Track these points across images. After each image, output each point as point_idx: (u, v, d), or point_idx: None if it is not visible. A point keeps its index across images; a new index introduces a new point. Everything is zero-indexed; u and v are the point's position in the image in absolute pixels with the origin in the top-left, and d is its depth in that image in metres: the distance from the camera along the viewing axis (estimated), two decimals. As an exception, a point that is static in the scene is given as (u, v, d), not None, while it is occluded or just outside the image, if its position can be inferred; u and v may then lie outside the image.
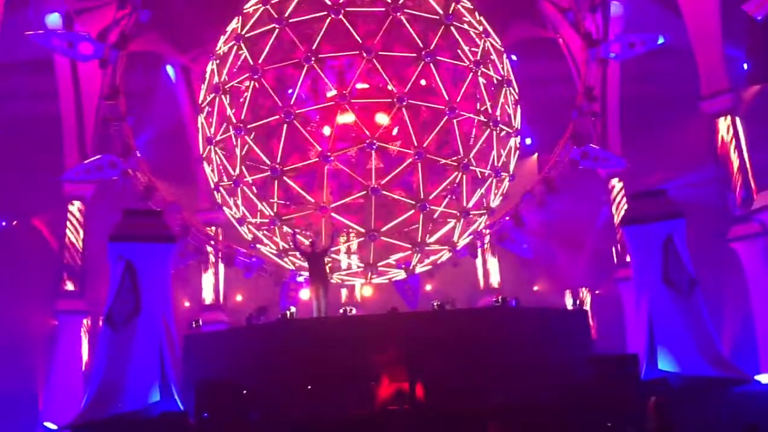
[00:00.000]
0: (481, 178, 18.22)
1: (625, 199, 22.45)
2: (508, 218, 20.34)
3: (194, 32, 22.59)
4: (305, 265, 17.45)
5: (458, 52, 17.64)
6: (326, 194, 17.36)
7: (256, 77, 16.98)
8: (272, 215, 17.63)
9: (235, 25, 18.22)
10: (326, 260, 16.90)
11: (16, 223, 25.13)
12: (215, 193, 19.09)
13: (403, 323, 15.29)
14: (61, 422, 15.59)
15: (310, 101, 17.78)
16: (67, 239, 22.81)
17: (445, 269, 20.67)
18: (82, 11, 21.11)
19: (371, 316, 17.94)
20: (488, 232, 20.69)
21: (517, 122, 18.98)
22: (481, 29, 18.29)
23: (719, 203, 20.57)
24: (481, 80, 17.68)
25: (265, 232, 18.60)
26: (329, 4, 16.89)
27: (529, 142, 24.92)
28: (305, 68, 16.67)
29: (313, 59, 16.57)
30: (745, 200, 19.67)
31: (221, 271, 24.09)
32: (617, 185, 23.80)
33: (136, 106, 20.18)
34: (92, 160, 19.83)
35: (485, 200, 18.73)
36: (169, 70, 24.59)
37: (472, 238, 19.96)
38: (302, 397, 13.42)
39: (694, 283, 15.09)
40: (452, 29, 17.44)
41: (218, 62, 18.32)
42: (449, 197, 18.02)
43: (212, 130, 18.12)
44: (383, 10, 16.99)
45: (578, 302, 18.60)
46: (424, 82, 17.58)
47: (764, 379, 16.05)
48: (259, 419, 12.89)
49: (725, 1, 20.23)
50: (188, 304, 24.98)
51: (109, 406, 13.36)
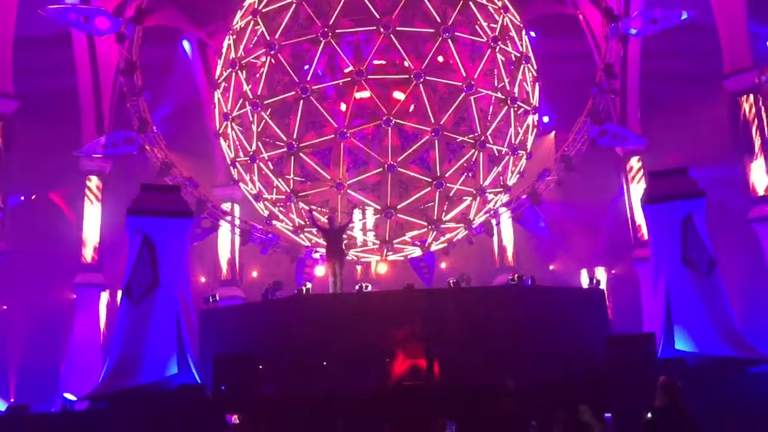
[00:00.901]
0: (498, 155, 18.09)
1: (644, 177, 22.24)
2: (525, 196, 20.25)
3: (211, 7, 22.51)
4: (321, 241, 17.50)
5: (476, 27, 17.44)
6: (342, 171, 17.33)
7: (272, 53, 16.90)
8: (288, 191, 17.64)
9: (252, 0, 18.11)
10: (343, 237, 16.90)
11: (34, 197, 25.36)
12: (231, 168, 19.11)
13: (418, 300, 15.28)
14: (80, 393, 15.81)
15: (326, 77, 17.70)
16: (85, 213, 23.00)
17: (460, 247, 20.64)
18: (99, -15, 21.11)
19: (387, 292, 17.95)
20: (505, 210, 20.61)
21: (535, 99, 18.77)
22: (500, 4, 18.05)
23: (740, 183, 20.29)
24: (499, 57, 17.49)
25: (281, 208, 18.63)
26: (347, -21, 16.72)
27: (546, 120, 24.70)
28: (322, 44, 16.57)
29: (330, 34, 16.45)
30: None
31: (237, 246, 24.22)
32: (636, 164, 23.59)
33: (152, 81, 20.20)
34: (109, 135, 19.93)
35: (502, 178, 18.61)
36: (185, 45, 24.57)
37: (488, 216, 19.89)
38: (317, 372, 13.49)
39: (713, 263, 14.93)
40: (471, 4, 17.23)
41: (235, 37, 18.24)
42: (466, 175, 17.92)
43: (229, 105, 18.10)
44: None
45: (595, 281, 18.47)
46: (441, 58, 17.43)
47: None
48: (274, 393, 13.00)
49: (750, -25, 19.84)
50: (204, 279, 25.19)
51: (127, 377, 13.51)
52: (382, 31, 16.40)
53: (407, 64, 16.70)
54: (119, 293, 16.18)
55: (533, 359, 13.30)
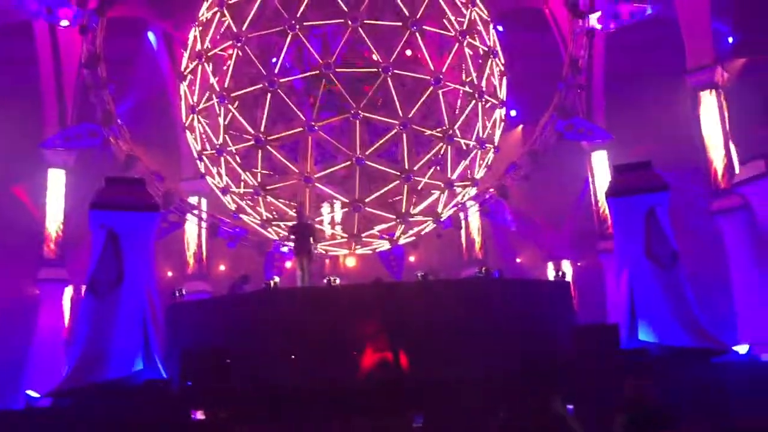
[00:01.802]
0: (465, 149, 18.18)
1: (609, 171, 22.54)
2: (492, 190, 20.39)
3: (176, -2, 22.24)
4: (290, 235, 17.42)
5: (444, 21, 17.49)
6: (310, 164, 17.27)
7: (239, 45, 16.75)
8: (256, 185, 17.53)
9: (218, -9, 17.91)
10: (310, 231, 16.85)
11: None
12: (198, 162, 18.92)
13: (386, 293, 15.28)
14: (43, 390, 15.53)
15: (294, 70, 17.60)
16: (47, 207, 22.60)
17: (429, 240, 20.72)
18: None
19: (355, 286, 17.94)
20: (473, 203, 20.74)
21: (502, 94, 18.89)
22: (467, -1, 18.13)
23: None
24: (467, 51, 17.55)
25: (248, 202, 18.50)
26: (314, -29, 16.63)
27: (514, 113, 24.88)
28: (289, 36, 16.46)
29: (297, 27, 16.35)
30: (726, 173, 19.80)
31: (204, 240, 24.02)
32: (601, 158, 23.91)
33: (117, 73, 19.90)
34: (72, 127, 19.60)
35: (470, 172, 18.72)
36: (150, 36, 24.22)
37: (456, 209, 19.99)
38: (286, 365, 13.46)
39: (675, 255, 15.20)
40: (438, -2, 17.26)
41: (201, 29, 18.04)
42: (434, 168, 17.98)
43: (195, 98, 17.91)
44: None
45: (561, 274, 18.70)
46: (410, 52, 17.44)
47: (742, 349, 16.29)
48: (242, 387, 12.92)
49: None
50: (171, 273, 24.94)
51: (91, 374, 13.32)
52: (350, 24, 16.34)
53: (375, 57, 16.68)
54: (83, 288, 15.92)
55: (500, 350, 13.41)
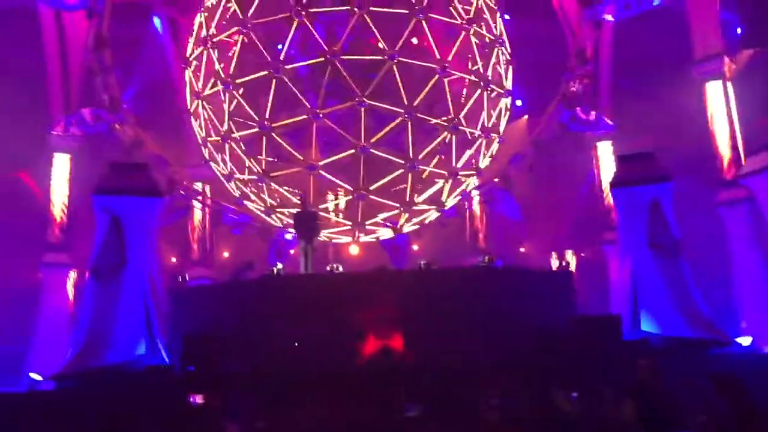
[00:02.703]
0: (470, 138, 18.14)
1: (613, 161, 22.46)
2: (496, 179, 20.35)
3: (183, -17, 22.16)
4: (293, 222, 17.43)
5: (451, 9, 17.40)
6: (315, 152, 17.26)
7: (245, 31, 16.71)
8: (260, 172, 17.53)
9: (224, -24, 17.85)
10: (314, 219, 16.86)
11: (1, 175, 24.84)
12: (203, 148, 18.92)
13: (390, 281, 15.32)
14: (46, 373, 15.64)
15: (300, 57, 17.56)
16: (52, 192, 22.62)
17: (432, 229, 20.71)
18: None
19: (358, 273, 17.96)
20: (477, 192, 20.71)
21: (508, 83, 18.83)
22: (474, -14, 18.02)
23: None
24: (473, 39, 17.47)
25: (252, 189, 18.51)
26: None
27: (519, 103, 24.76)
28: (295, 23, 16.40)
29: (303, 14, 16.29)
30: (732, 164, 19.70)
31: (208, 227, 24.03)
32: (606, 148, 23.79)
33: (122, 58, 19.87)
34: (78, 113, 19.60)
35: (474, 161, 18.68)
36: (156, 22, 24.14)
37: (460, 198, 19.97)
38: (288, 351, 13.50)
39: (678, 245, 15.19)
40: (446, -15, 17.18)
41: (207, 15, 18.01)
42: (438, 157, 17.95)
43: (200, 84, 17.89)
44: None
45: (564, 264, 18.66)
46: (416, 40, 17.37)
47: (744, 341, 16.29)
48: (244, 372, 12.97)
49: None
50: (175, 259, 24.97)
51: (94, 358, 13.40)
52: (356, 11, 16.27)
53: (381, 45, 16.62)
54: (86, 273, 15.97)
55: (502, 339, 13.42)
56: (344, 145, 17.35)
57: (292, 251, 20.22)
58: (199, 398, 11.64)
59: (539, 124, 20.61)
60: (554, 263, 21.65)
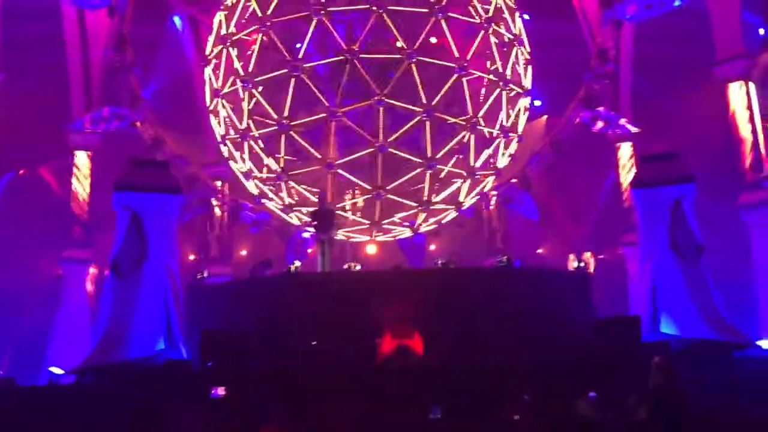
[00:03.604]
0: (489, 138, 18.07)
1: (634, 162, 22.29)
2: (514, 180, 20.26)
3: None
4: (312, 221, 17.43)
5: (470, 9, 17.35)
6: (333, 150, 17.28)
7: (264, 30, 16.77)
8: (279, 170, 17.57)
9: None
10: (332, 217, 16.88)
11: (23, 172, 25.14)
12: (222, 146, 19.01)
13: (407, 280, 15.31)
14: (66, 367, 15.78)
15: (318, 55, 17.59)
16: (73, 189, 22.84)
17: (450, 229, 20.66)
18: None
19: (375, 272, 17.96)
20: (495, 192, 20.63)
21: (527, 82, 18.73)
22: (494, -15, 17.96)
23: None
24: (492, 38, 17.41)
25: (271, 187, 18.56)
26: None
27: (538, 103, 24.64)
28: (314, 22, 16.44)
29: (322, 12, 16.32)
30: (755, 166, 19.49)
31: (227, 224, 24.14)
32: (627, 149, 23.63)
33: (143, 56, 20.02)
34: (99, 110, 19.77)
35: (492, 161, 18.61)
36: (176, 20, 24.30)
37: (478, 198, 19.90)
38: (304, 348, 13.52)
39: (700, 248, 15.03)
40: (465, -16, 17.13)
41: (226, 13, 18.08)
42: (456, 157, 17.90)
43: (219, 82, 17.97)
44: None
45: (582, 265, 18.55)
46: (434, 39, 17.34)
47: (765, 344, 16.11)
48: (261, 369, 13.01)
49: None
50: (194, 256, 25.11)
51: (114, 352, 13.50)
52: (375, 10, 16.27)
53: (399, 44, 16.61)
54: (107, 269, 16.10)
55: (521, 339, 13.37)
56: (362, 144, 17.36)
57: (309, 250, 20.26)
58: (221, 390, 11.67)
59: (558, 124, 20.48)
60: (572, 264, 21.57)
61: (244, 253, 25.51)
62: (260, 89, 17.18)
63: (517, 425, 10.90)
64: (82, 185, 22.78)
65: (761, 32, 21.74)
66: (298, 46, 17.08)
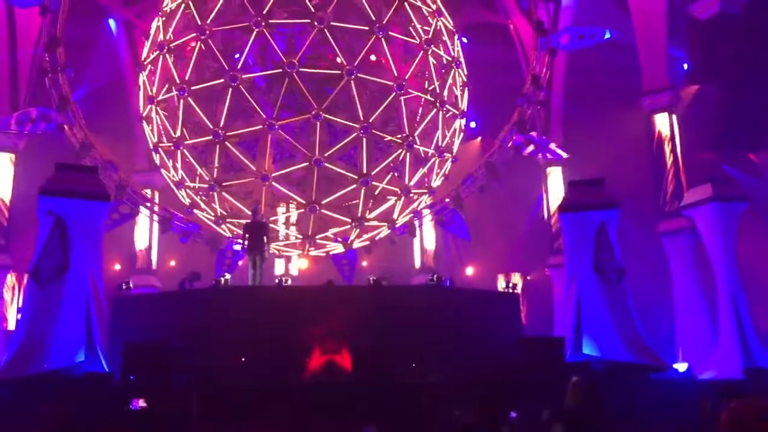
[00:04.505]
0: (424, 157, 18.30)
1: (563, 187, 22.93)
2: (448, 200, 20.54)
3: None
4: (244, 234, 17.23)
5: (410, 29, 17.59)
6: (268, 163, 17.16)
7: (202, 38, 16.57)
8: (212, 181, 17.33)
9: (185, -18, 17.69)
10: (264, 231, 16.72)
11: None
12: (154, 154, 18.62)
13: (338, 296, 15.28)
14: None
15: (257, 67, 17.49)
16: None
17: (382, 246, 20.77)
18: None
19: (306, 287, 17.87)
20: (428, 211, 20.87)
21: (463, 104, 19.09)
22: (434, 8, 18.28)
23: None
24: (431, 59, 17.69)
25: (203, 197, 18.28)
26: (284, -30, 16.58)
27: (473, 125, 25.14)
28: (254, 33, 16.35)
29: (263, 24, 16.25)
30: (675, 195, 20.31)
31: (155, 234, 23.63)
32: (556, 174, 24.32)
33: (75, 58, 19.45)
34: (25, 111, 19.06)
35: (427, 180, 18.84)
36: (111, 23, 23.76)
37: (411, 216, 20.09)
38: (232, 363, 13.30)
39: (622, 272, 15.56)
40: (406, 5, 17.37)
41: (164, 19, 17.80)
42: (392, 174, 18.05)
43: (154, 89, 17.63)
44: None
45: (511, 286, 18.93)
46: (374, 57, 17.49)
47: (681, 367, 16.75)
48: (186, 383, 12.72)
49: (672, 1, 20.73)
50: (120, 266, 24.43)
51: (31, 363, 12.96)
52: (316, 25, 16.31)
53: (339, 60, 16.68)
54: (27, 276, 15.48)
55: (449, 358, 13.51)
56: (298, 157, 17.31)
57: (240, 262, 19.99)
58: (141, 402, 11.34)
59: (492, 146, 20.92)
60: (501, 285, 21.99)
61: (173, 263, 24.97)
62: (196, 98, 16.93)
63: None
64: (3, 188, 21.84)
65: (685, 67, 22.83)
66: (237, 56, 16.95)
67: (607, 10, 22.82)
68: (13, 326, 20.33)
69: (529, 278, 25.94)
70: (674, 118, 21.05)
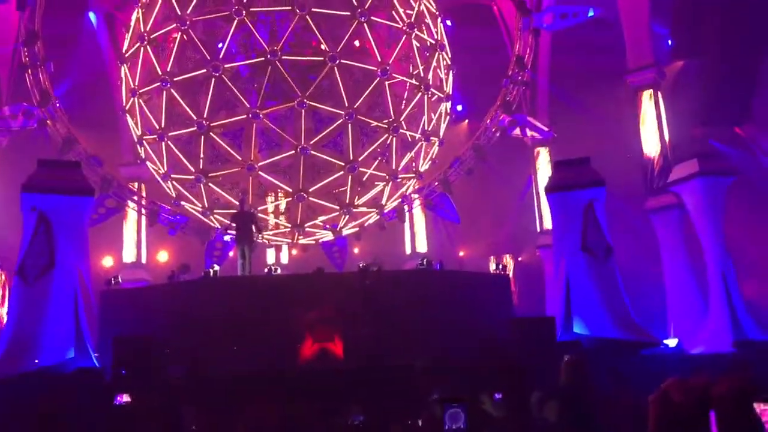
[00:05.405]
0: (411, 141, 18.24)
1: (550, 167, 22.90)
2: (436, 183, 20.52)
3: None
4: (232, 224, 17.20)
5: (393, 13, 17.47)
6: (254, 152, 17.07)
7: (183, 28, 16.41)
8: (198, 172, 17.23)
9: (163, -28, 17.48)
10: (252, 220, 16.67)
11: None
12: (138, 147, 18.49)
13: (328, 283, 15.27)
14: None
15: (240, 56, 17.35)
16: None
17: (372, 232, 20.75)
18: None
19: (296, 275, 17.85)
20: (417, 196, 20.84)
21: (448, 87, 19.01)
22: (416, -9, 18.15)
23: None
24: (414, 43, 17.58)
25: (189, 189, 18.17)
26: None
27: (460, 108, 25.06)
28: (236, 21, 16.20)
29: (244, 12, 16.10)
30: (662, 172, 20.33)
31: (143, 228, 23.52)
32: (543, 154, 24.30)
33: (55, 53, 19.25)
34: (6, 107, 18.89)
35: (414, 164, 18.79)
36: (91, 16, 23.49)
37: (400, 201, 20.05)
38: (224, 353, 13.29)
39: (609, 250, 15.60)
40: (388, -11, 17.25)
41: (144, 11, 17.60)
42: (379, 160, 17.99)
43: (137, 81, 17.47)
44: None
45: (501, 267, 18.98)
46: (357, 42, 17.37)
47: (672, 343, 16.85)
48: (179, 375, 12.70)
49: (655, -23, 20.67)
50: (109, 261, 24.33)
51: (21, 361, 12.90)
52: (298, 12, 16.16)
53: (323, 46, 16.56)
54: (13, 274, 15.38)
55: (441, 340, 13.53)
56: (285, 146, 17.23)
57: (230, 253, 19.94)
58: (125, 397, 11.31)
59: (479, 128, 20.87)
60: (492, 266, 22.02)
61: (162, 257, 24.88)
62: (179, 89, 16.78)
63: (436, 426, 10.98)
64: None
65: (669, 43, 22.79)
66: (219, 45, 16.80)
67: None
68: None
69: (520, 259, 25.98)
70: (659, 94, 21.02)
